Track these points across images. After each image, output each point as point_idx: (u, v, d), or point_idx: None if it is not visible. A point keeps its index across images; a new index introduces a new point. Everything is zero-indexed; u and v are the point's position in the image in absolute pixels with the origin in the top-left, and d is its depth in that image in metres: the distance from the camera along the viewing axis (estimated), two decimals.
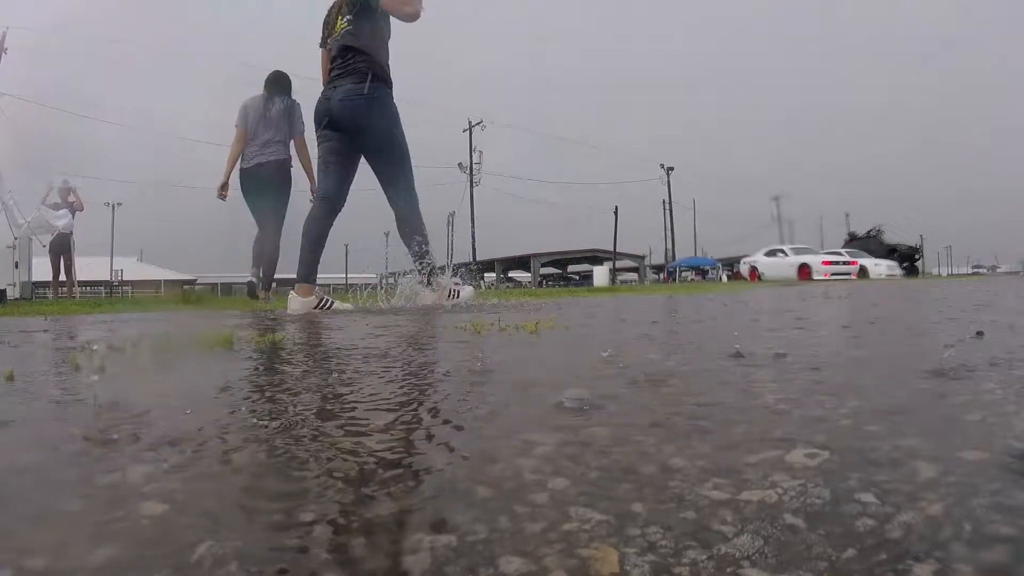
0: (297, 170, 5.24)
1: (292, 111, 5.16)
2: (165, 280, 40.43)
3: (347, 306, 3.65)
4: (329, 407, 0.82)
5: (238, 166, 5.20)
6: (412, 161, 3.64)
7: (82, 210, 9.66)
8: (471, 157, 34.96)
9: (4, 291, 8.19)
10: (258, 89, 5.30)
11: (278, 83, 5.23)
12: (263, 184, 5.05)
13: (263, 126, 5.10)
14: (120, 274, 37.27)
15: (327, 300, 3.60)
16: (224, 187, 5.15)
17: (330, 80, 3.50)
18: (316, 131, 3.57)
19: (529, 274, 38.77)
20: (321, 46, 3.62)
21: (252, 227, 5.25)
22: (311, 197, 4.59)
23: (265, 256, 5.13)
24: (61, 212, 9.33)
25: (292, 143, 5.20)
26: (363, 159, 3.58)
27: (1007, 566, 0.36)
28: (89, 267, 22.90)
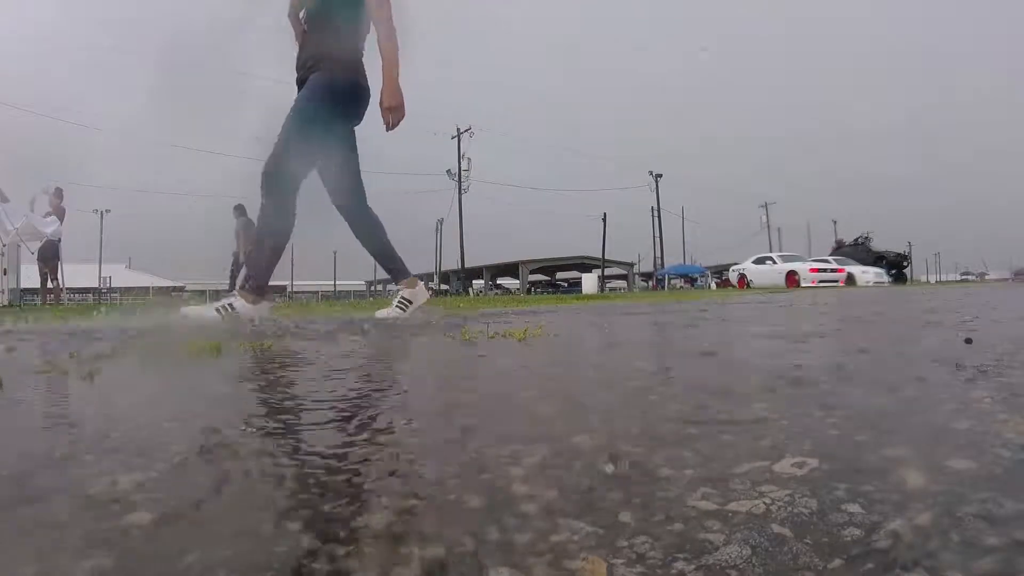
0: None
1: None
2: (154, 287, 40.16)
3: None
4: None
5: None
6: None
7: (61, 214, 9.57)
8: (459, 164, 34.93)
9: None
10: (250, 95, 5.54)
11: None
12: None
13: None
14: (108, 281, 36.97)
15: None
16: None
17: None
18: None
19: (517, 281, 38.74)
20: None
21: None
22: None
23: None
24: (50, 219, 9.26)
25: None
26: None
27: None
28: (77, 274, 22.66)
